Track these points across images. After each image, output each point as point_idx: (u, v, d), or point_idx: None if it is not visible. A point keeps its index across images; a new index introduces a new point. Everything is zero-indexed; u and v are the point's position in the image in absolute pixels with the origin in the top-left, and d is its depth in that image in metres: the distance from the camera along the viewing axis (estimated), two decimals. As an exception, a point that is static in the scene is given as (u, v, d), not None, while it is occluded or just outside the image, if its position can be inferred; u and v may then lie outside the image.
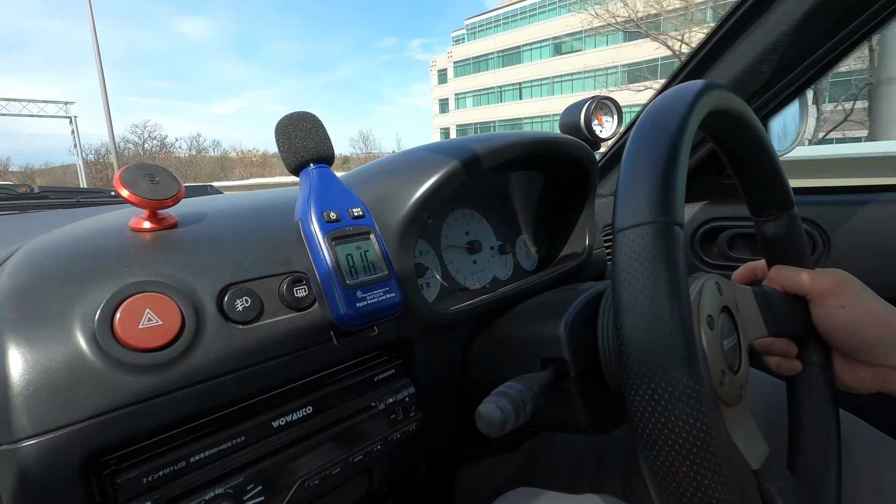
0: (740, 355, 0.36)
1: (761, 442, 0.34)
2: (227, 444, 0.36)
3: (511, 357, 0.47)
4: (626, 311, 0.26)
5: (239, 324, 0.37)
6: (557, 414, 0.42)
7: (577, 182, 0.72)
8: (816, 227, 0.75)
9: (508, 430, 0.33)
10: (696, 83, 0.33)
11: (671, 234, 0.26)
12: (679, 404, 0.24)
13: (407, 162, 0.54)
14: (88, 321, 0.31)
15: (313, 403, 0.41)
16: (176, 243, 0.38)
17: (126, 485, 0.31)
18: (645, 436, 0.25)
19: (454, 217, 0.65)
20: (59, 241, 0.37)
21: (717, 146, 0.41)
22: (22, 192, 1.08)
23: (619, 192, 0.29)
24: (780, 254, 0.46)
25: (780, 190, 0.43)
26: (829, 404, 0.43)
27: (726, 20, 0.71)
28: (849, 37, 0.63)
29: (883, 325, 0.40)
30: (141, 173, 0.37)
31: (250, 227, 0.43)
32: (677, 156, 0.28)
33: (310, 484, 0.39)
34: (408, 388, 0.47)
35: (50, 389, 0.29)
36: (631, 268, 0.26)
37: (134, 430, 0.32)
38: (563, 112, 0.81)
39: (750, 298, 0.40)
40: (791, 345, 0.45)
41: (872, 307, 0.41)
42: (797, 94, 0.75)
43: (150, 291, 0.33)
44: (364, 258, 0.42)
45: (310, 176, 0.43)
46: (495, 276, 0.69)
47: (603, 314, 0.42)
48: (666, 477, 0.25)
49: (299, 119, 0.43)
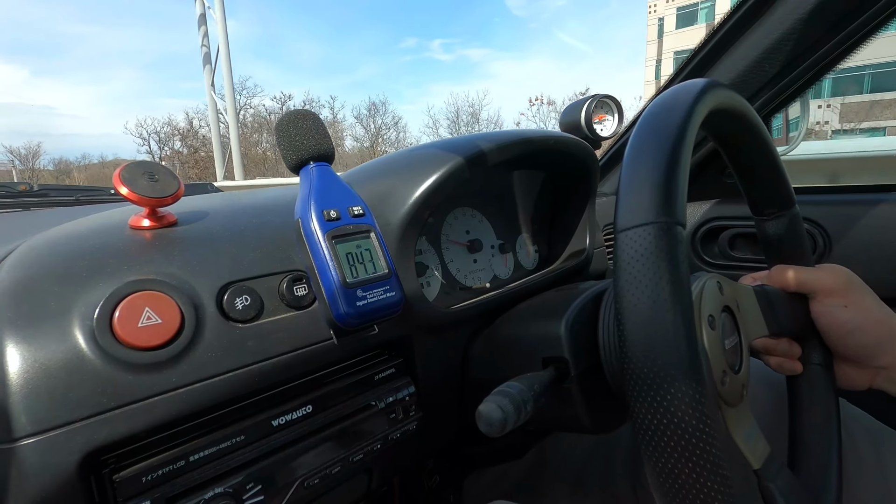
0: (741, 355, 0.36)
1: (762, 441, 0.34)
2: (226, 443, 0.36)
3: (512, 356, 0.47)
4: (629, 312, 0.26)
5: (239, 322, 0.37)
6: (559, 413, 0.42)
7: (578, 181, 0.72)
8: (818, 226, 0.74)
9: (509, 429, 0.33)
10: (698, 82, 0.33)
11: (673, 234, 0.26)
12: (682, 406, 0.24)
13: (407, 160, 0.54)
14: (87, 319, 0.31)
15: (313, 402, 0.41)
16: (175, 241, 0.38)
17: (125, 483, 0.31)
18: (648, 438, 0.25)
19: (455, 216, 0.65)
20: (58, 239, 0.37)
21: (718, 145, 0.41)
22: (21, 190, 1.08)
23: (621, 191, 0.29)
24: (781, 253, 0.46)
25: (781, 188, 0.43)
26: (830, 403, 0.43)
27: (729, 18, 0.71)
28: (851, 35, 0.63)
29: (879, 325, 0.40)
30: (140, 171, 0.37)
31: (250, 225, 0.43)
32: (679, 155, 0.28)
33: (309, 483, 0.39)
34: (408, 387, 0.47)
35: (49, 388, 0.29)
36: (633, 269, 0.26)
37: (133, 429, 0.32)
38: (564, 110, 0.81)
39: (751, 298, 0.40)
40: (794, 345, 0.45)
41: (871, 308, 0.41)
42: (799, 93, 0.75)
43: (149, 290, 0.33)
44: (364, 257, 0.41)
45: (310, 174, 0.43)
46: (496, 274, 0.69)
47: (604, 313, 0.42)
48: (668, 479, 0.25)
49: (299, 117, 0.43)
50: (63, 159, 29.25)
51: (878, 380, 0.42)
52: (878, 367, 0.41)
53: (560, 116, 0.82)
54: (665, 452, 0.25)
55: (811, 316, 0.43)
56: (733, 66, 0.72)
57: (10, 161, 26.08)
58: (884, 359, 0.41)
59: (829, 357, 0.44)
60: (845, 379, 0.44)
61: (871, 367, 0.42)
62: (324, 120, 0.68)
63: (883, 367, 0.41)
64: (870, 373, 0.42)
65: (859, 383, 0.43)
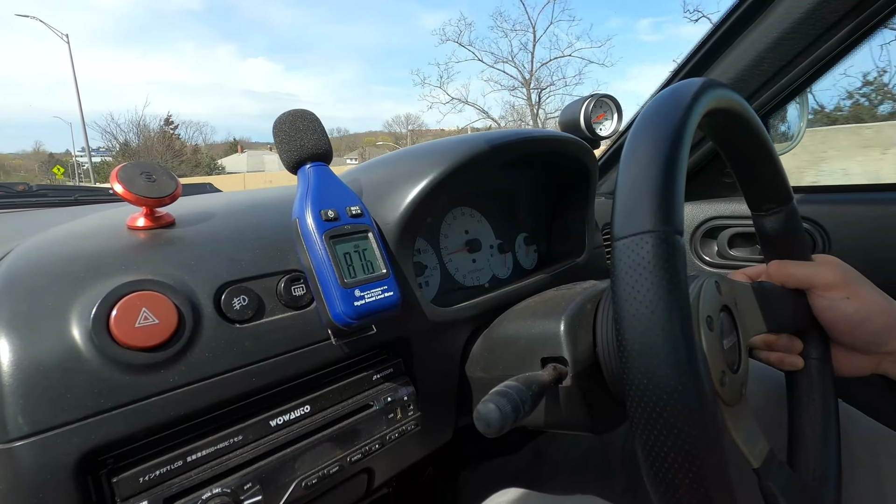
0: (740, 354, 0.36)
1: (762, 440, 0.34)
2: (224, 444, 0.36)
3: (510, 356, 0.47)
4: (627, 322, 0.26)
5: (236, 323, 0.37)
6: (557, 413, 0.42)
7: (577, 181, 0.72)
8: (817, 225, 0.74)
9: (507, 429, 0.33)
10: (695, 81, 0.32)
11: (671, 243, 0.26)
12: (681, 417, 0.24)
13: (406, 160, 0.54)
14: (84, 319, 0.31)
15: (311, 402, 0.41)
16: (173, 242, 0.38)
17: (123, 484, 0.31)
18: (646, 444, 0.25)
19: (453, 215, 0.65)
20: (55, 240, 0.37)
21: (716, 144, 0.41)
22: (20, 190, 1.07)
23: (618, 197, 0.28)
24: (779, 248, 0.46)
25: (778, 184, 0.43)
26: (828, 398, 0.43)
27: (727, 18, 0.71)
28: (850, 35, 0.63)
29: (885, 313, 0.41)
30: (138, 171, 0.37)
31: (248, 225, 0.43)
32: (676, 159, 0.28)
33: (308, 483, 0.39)
34: (406, 387, 0.47)
35: (45, 388, 0.29)
36: (631, 278, 0.26)
37: (130, 430, 0.32)
38: (563, 110, 0.81)
39: (749, 295, 0.40)
40: (795, 340, 0.45)
41: (873, 296, 0.41)
42: (798, 93, 0.75)
43: (146, 290, 0.33)
44: (362, 257, 0.41)
45: (307, 174, 0.43)
46: (494, 274, 0.68)
47: (602, 314, 0.42)
48: (668, 490, 0.25)
49: (297, 117, 0.43)
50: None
51: (885, 364, 0.42)
52: (884, 353, 0.42)
53: (559, 116, 0.82)
54: (665, 462, 0.25)
55: (813, 311, 0.43)
56: (732, 65, 0.72)
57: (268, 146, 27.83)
58: (893, 344, 0.41)
59: (827, 351, 0.45)
60: (851, 366, 0.44)
61: (878, 354, 0.42)
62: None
63: (889, 353, 0.41)
64: (876, 359, 0.43)
65: (865, 370, 0.43)
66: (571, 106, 0.79)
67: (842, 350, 0.44)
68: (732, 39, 0.71)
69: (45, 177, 29.33)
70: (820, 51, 0.65)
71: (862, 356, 0.43)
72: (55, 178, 17.12)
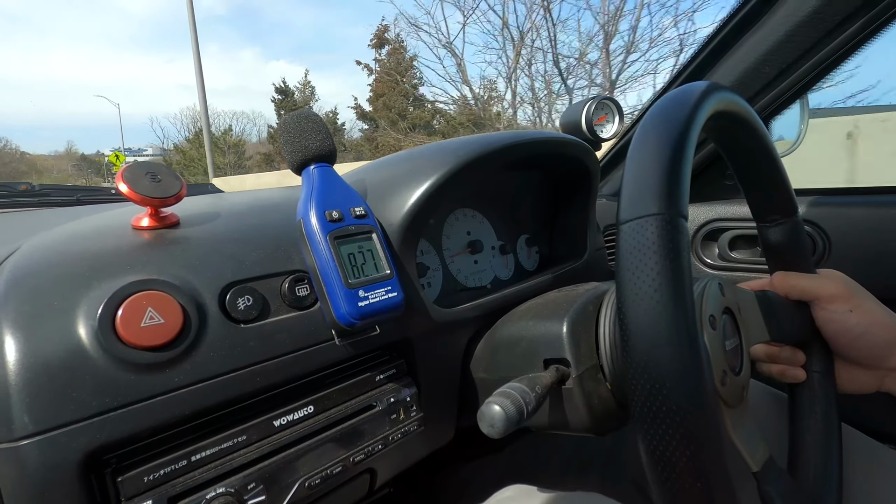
0: (742, 357, 0.36)
1: (762, 445, 0.34)
2: (228, 443, 0.36)
3: (513, 357, 0.47)
4: (630, 302, 0.26)
5: (241, 323, 0.37)
6: (560, 414, 0.42)
7: (579, 182, 0.72)
8: (817, 228, 0.75)
9: (511, 430, 0.33)
10: (702, 83, 0.33)
11: (676, 225, 0.26)
12: (682, 394, 0.24)
13: (409, 162, 0.54)
14: (90, 319, 0.31)
15: (314, 403, 0.41)
16: (178, 242, 0.38)
17: (127, 483, 0.31)
18: (645, 425, 0.25)
19: (455, 217, 0.65)
20: (60, 240, 0.37)
21: (720, 148, 0.41)
22: (23, 190, 1.07)
23: (625, 184, 0.29)
24: (782, 259, 0.46)
25: (783, 195, 0.43)
26: (830, 412, 0.43)
27: (728, 21, 0.71)
28: (851, 38, 0.63)
29: (886, 328, 0.40)
30: (143, 171, 0.37)
31: (252, 225, 0.43)
32: (684, 149, 0.28)
33: (311, 483, 0.39)
34: (409, 387, 0.47)
35: (51, 387, 0.29)
36: (635, 259, 0.26)
37: (135, 429, 0.32)
38: (564, 112, 0.81)
39: (752, 302, 0.40)
40: (798, 352, 0.45)
41: (875, 311, 0.41)
42: (799, 96, 0.75)
43: (152, 290, 0.33)
44: (366, 257, 0.41)
45: (311, 175, 0.43)
46: (496, 276, 0.69)
47: (605, 315, 0.42)
48: (665, 469, 0.25)
49: (301, 118, 0.43)
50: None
51: (888, 381, 0.42)
52: (887, 369, 0.41)
53: (560, 118, 0.82)
54: (664, 440, 0.24)
55: (816, 323, 0.43)
56: (733, 68, 0.72)
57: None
58: (894, 359, 0.41)
59: (830, 365, 0.44)
60: (855, 383, 0.44)
61: (881, 370, 0.42)
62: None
63: (892, 369, 0.41)
64: (879, 375, 0.42)
65: (868, 386, 0.43)
66: (573, 108, 0.80)
67: (845, 365, 0.44)
68: (734, 42, 0.71)
69: (80, 176, 29.42)
70: (821, 53, 0.66)
71: (865, 372, 0.43)
72: (112, 166, 17.22)
